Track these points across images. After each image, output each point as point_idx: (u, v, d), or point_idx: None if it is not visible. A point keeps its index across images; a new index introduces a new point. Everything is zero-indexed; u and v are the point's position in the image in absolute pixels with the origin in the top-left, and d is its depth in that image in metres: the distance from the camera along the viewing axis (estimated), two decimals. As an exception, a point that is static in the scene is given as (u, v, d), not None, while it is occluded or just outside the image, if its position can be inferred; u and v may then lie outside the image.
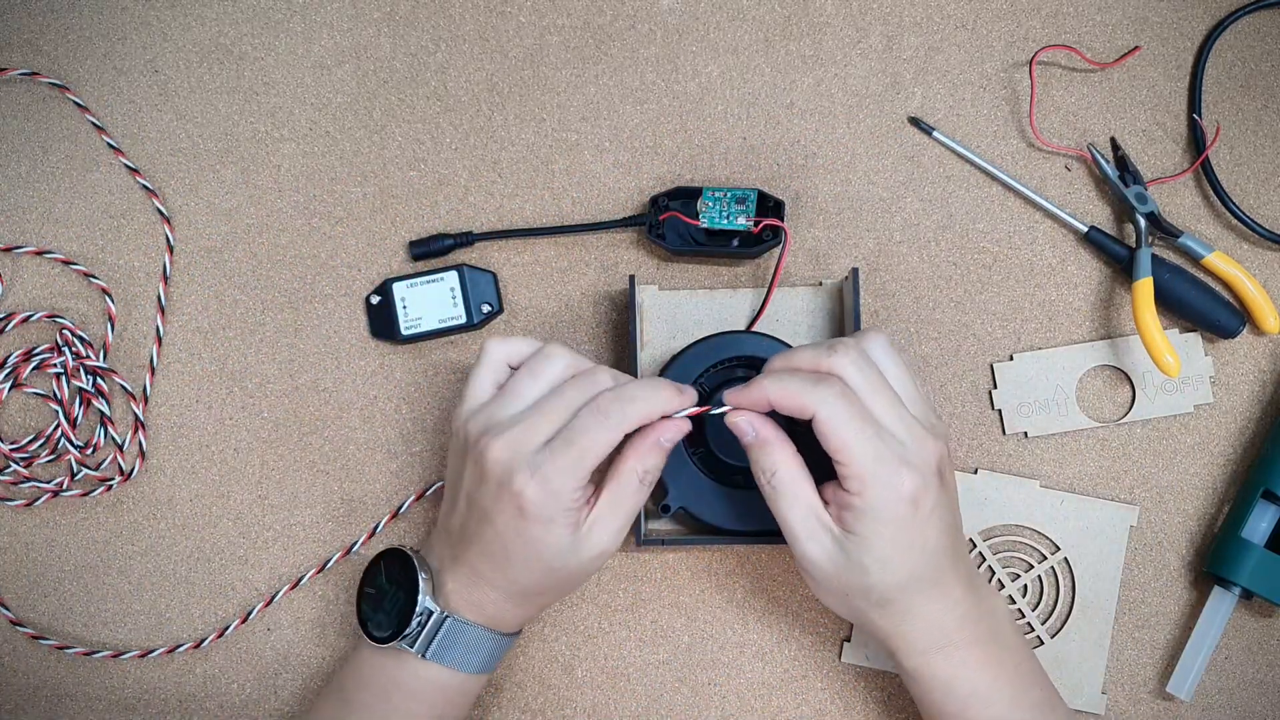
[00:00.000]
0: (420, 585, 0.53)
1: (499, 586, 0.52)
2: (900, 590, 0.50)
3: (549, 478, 0.48)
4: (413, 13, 0.68)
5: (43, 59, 0.68)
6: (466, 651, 0.54)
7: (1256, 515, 0.61)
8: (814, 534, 0.50)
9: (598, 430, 0.49)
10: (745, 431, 0.51)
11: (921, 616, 0.51)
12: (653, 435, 0.51)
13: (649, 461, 0.51)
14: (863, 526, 0.48)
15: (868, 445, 0.48)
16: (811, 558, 0.50)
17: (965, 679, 0.52)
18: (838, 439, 0.48)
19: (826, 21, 0.67)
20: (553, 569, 0.51)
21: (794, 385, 0.49)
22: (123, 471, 0.64)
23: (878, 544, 0.48)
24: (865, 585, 0.49)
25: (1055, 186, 0.66)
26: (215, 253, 0.66)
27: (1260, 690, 0.62)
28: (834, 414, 0.48)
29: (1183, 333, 0.64)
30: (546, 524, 0.49)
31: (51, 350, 0.65)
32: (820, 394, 0.48)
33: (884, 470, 0.48)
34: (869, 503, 0.48)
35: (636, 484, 0.51)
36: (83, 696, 0.64)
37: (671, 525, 0.63)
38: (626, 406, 0.49)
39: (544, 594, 0.54)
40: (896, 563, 0.49)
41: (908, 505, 0.48)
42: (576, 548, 0.51)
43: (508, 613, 0.54)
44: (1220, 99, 0.66)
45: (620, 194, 0.66)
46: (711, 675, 0.63)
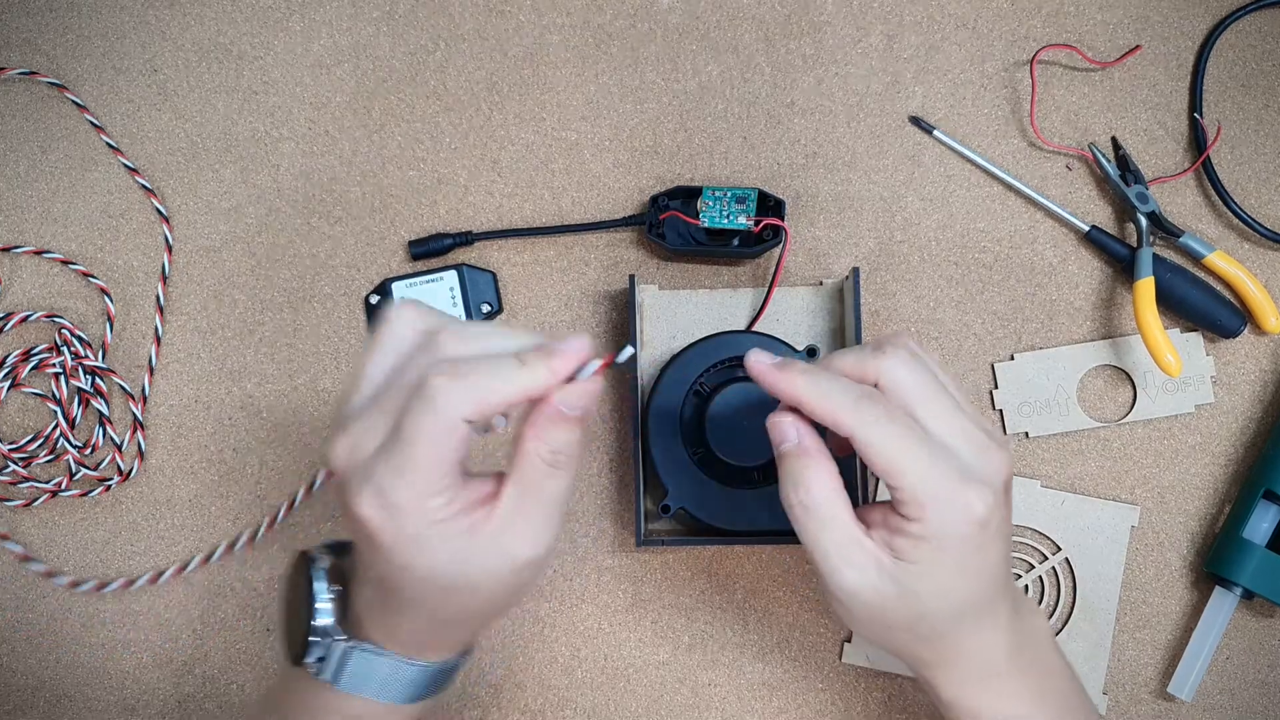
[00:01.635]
0: (318, 602, 0.44)
1: (404, 614, 0.43)
2: (954, 620, 0.43)
3: (384, 491, 0.38)
4: (412, 11, 0.68)
5: (41, 58, 0.68)
6: (386, 684, 0.45)
7: (1258, 515, 0.61)
8: (854, 561, 0.42)
9: (425, 421, 0.38)
10: (786, 436, 0.43)
11: (970, 646, 0.45)
12: (550, 404, 0.40)
13: (555, 437, 0.40)
14: (922, 553, 0.41)
15: (927, 467, 0.40)
16: (850, 588, 0.42)
17: (1006, 712, 0.46)
18: (889, 462, 0.40)
19: (827, 20, 0.67)
20: (452, 591, 0.41)
21: (836, 397, 0.41)
22: (121, 472, 0.64)
23: (938, 572, 0.42)
24: (915, 616, 0.43)
25: (1056, 186, 0.66)
26: (214, 252, 0.66)
27: (1262, 691, 0.62)
28: (884, 437, 0.40)
29: (1184, 332, 0.64)
30: (409, 546, 0.39)
31: (50, 350, 0.64)
32: (865, 414, 0.41)
33: (948, 491, 0.41)
34: (932, 529, 0.41)
35: (545, 469, 0.40)
36: (81, 698, 0.63)
37: (671, 525, 0.63)
38: (458, 384, 0.38)
39: (464, 621, 0.44)
40: (956, 591, 0.42)
41: (976, 528, 0.41)
42: (480, 561, 0.40)
43: (427, 641, 0.45)
44: (1221, 98, 0.66)
45: (620, 193, 0.66)
46: (712, 676, 0.63)
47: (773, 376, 0.43)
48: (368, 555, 0.41)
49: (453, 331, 0.40)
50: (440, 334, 0.40)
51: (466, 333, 0.40)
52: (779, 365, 0.43)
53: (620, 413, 0.64)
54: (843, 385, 0.42)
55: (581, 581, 0.64)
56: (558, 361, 0.40)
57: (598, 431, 0.64)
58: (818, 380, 0.42)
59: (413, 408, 0.38)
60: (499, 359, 0.39)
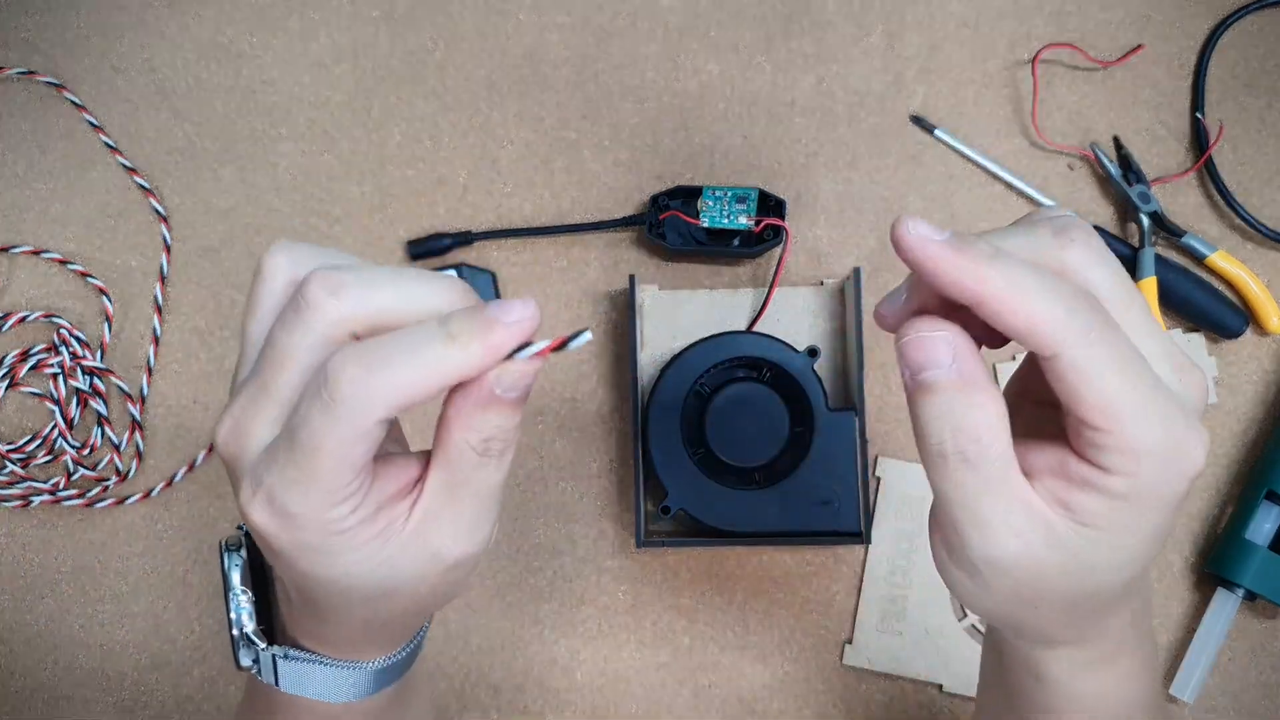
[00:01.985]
0: (234, 602, 0.39)
1: (327, 621, 0.37)
2: (1120, 596, 0.34)
3: (276, 499, 0.31)
4: (411, 11, 0.67)
5: (40, 58, 0.67)
6: (326, 687, 0.39)
7: (1260, 516, 0.61)
8: (1021, 531, 0.31)
9: (328, 428, 0.29)
10: (938, 358, 0.31)
11: (1115, 622, 0.36)
12: (482, 386, 0.31)
13: (487, 424, 0.32)
14: (1116, 517, 0.31)
15: (1151, 407, 0.30)
16: (1004, 559, 0.32)
17: (1119, 695, 0.38)
18: (1105, 400, 0.29)
19: (828, 20, 0.67)
20: (372, 599, 0.34)
21: (1042, 298, 0.29)
22: (120, 472, 0.64)
23: (1130, 540, 0.31)
24: (1080, 594, 0.33)
25: (1058, 186, 0.66)
26: (213, 252, 0.66)
27: (1264, 692, 0.62)
28: (1105, 364, 0.29)
29: (1186, 333, 0.64)
30: (311, 556, 0.32)
31: (48, 350, 0.64)
32: (1083, 328, 0.29)
33: (1173, 439, 0.30)
34: (1142, 486, 0.30)
35: (475, 459, 0.33)
36: (80, 699, 0.63)
37: (671, 526, 0.63)
38: (372, 379, 0.29)
39: (394, 622, 0.38)
40: (1139, 561, 0.33)
41: (1189, 484, 0.31)
42: (401, 564, 0.33)
43: (360, 643, 0.39)
44: (1223, 98, 0.66)
45: (620, 193, 0.66)
46: (712, 677, 0.63)
47: (948, 261, 0.30)
48: (271, 559, 0.34)
49: (349, 279, 0.31)
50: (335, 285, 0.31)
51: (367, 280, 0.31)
52: (954, 244, 0.30)
53: (620, 413, 0.64)
54: (1050, 281, 0.29)
55: (581, 583, 0.63)
56: (498, 336, 0.30)
57: (597, 432, 0.64)
58: (1015, 272, 0.29)
59: (311, 410, 0.30)
60: (421, 335, 0.30)
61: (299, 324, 0.31)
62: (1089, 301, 0.30)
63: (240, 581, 0.39)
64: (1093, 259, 0.31)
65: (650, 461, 0.59)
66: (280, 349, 0.31)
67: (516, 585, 0.63)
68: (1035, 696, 0.39)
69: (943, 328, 0.31)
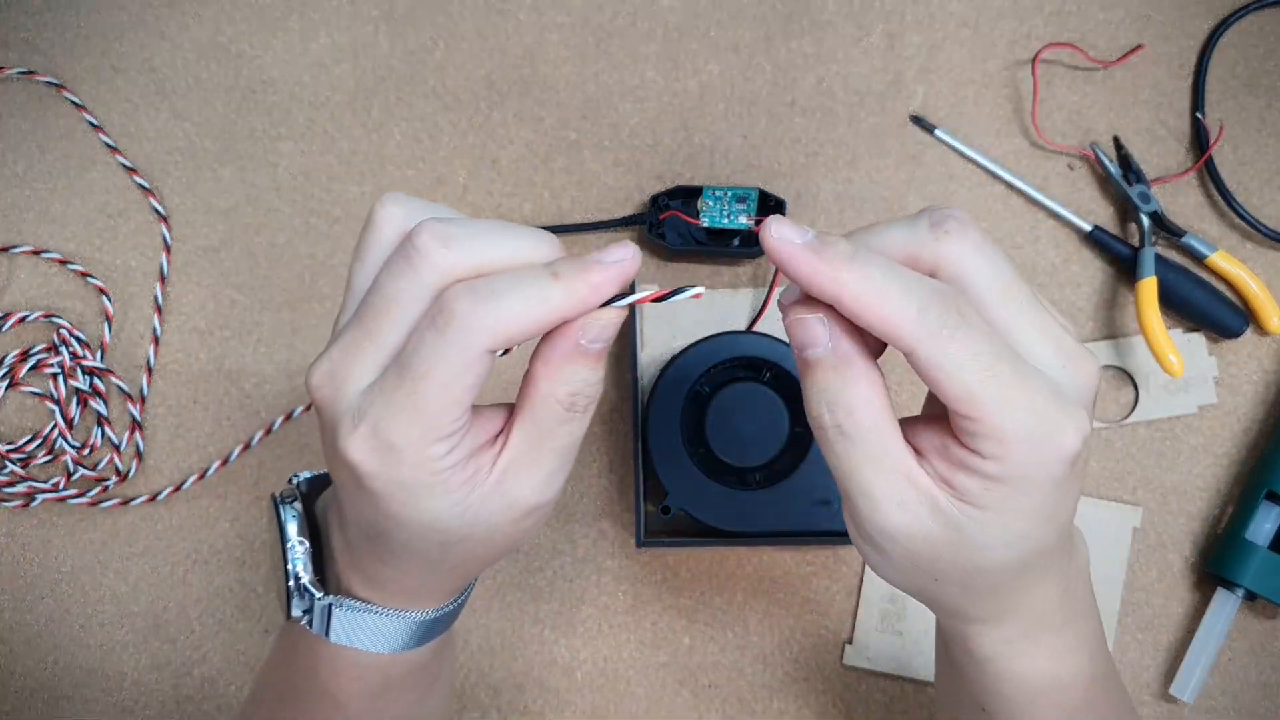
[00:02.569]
0: (291, 553, 0.40)
1: (390, 564, 0.38)
2: (1017, 573, 0.35)
3: (381, 431, 0.32)
4: (411, 11, 0.67)
5: (39, 57, 0.67)
6: (376, 636, 0.40)
7: (1260, 516, 0.61)
8: (904, 501, 0.33)
9: (442, 353, 0.31)
10: (814, 338, 0.33)
11: (1027, 601, 0.37)
12: (569, 337, 0.33)
13: (575, 377, 0.34)
14: (994, 498, 0.32)
15: (1015, 395, 0.31)
16: (893, 531, 0.33)
17: (1046, 670, 0.39)
18: (966, 391, 0.31)
19: (828, 19, 0.67)
20: (448, 544, 0.36)
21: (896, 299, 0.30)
22: (120, 472, 0.64)
23: (1012, 520, 0.33)
24: (972, 570, 0.34)
25: (1058, 185, 0.66)
26: (212, 252, 0.66)
27: (1264, 692, 0.62)
28: (961, 358, 0.30)
29: (1186, 333, 0.64)
30: (404, 495, 0.33)
31: (48, 350, 0.64)
32: (936, 325, 0.30)
33: (1041, 425, 0.31)
34: (1012, 469, 0.31)
35: (561, 414, 0.34)
36: (80, 699, 0.63)
37: (671, 526, 0.63)
38: (483, 309, 0.31)
39: (457, 570, 0.39)
40: (1027, 540, 0.34)
41: (1066, 467, 0.32)
42: (481, 511, 0.35)
43: (419, 590, 0.40)
44: (1224, 98, 0.66)
45: (620, 193, 0.66)
46: (712, 678, 0.63)
47: (806, 263, 0.31)
48: (354, 500, 0.35)
49: (458, 231, 0.33)
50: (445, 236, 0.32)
51: (475, 232, 0.33)
52: (814, 246, 0.31)
53: (620, 413, 0.64)
54: (904, 281, 0.31)
55: (581, 583, 0.63)
56: (599, 275, 0.32)
57: (597, 432, 0.64)
58: (870, 273, 0.31)
59: (426, 336, 0.31)
60: (528, 274, 0.32)
61: (408, 271, 0.32)
62: (945, 299, 0.31)
63: (297, 532, 0.40)
64: (967, 249, 0.32)
65: (650, 461, 0.59)
66: (387, 295, 0.32)
67: (516, 585, 0.63)
68: (972, 674, 0.40)
69: (817, 310, 0.33)
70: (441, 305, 0.31)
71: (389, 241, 0.34)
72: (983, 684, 0.40)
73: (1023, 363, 0.31)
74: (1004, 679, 0.39)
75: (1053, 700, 0.39)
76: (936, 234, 0.32)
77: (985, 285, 0.32)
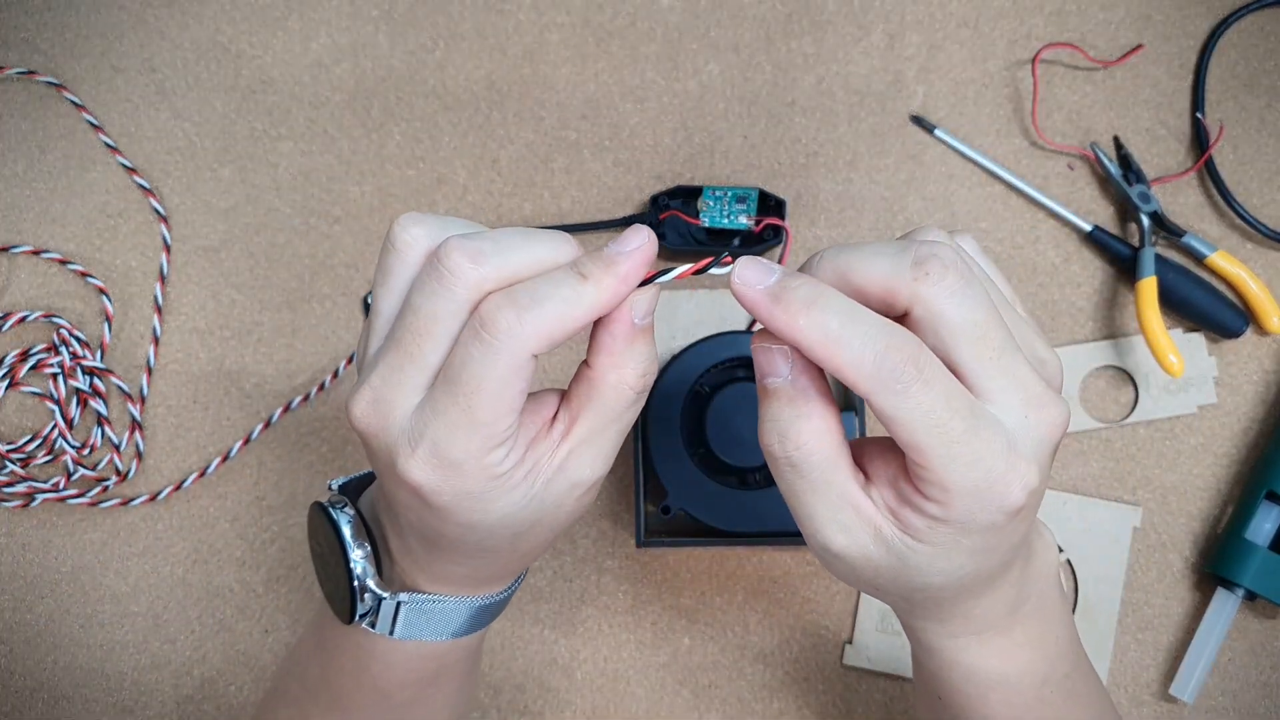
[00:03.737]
0: (352, 561, 0.40)
1: (458, 561, 0.39)
2: (957, 593, 0.36)
3: (441, 450, 0.33)
4: (411, 10, 0.67)
5: (39, 57, 0.67)
6: (444, 623, 0.42)
7: (1260, 516, 0.61)
8: (847, 526, 0.34)
9: (489, 365, 0.32)
10: (776, 370, 0.34)
11: (970, 610, 0.38)
12: (623, 322, 0.35)
13: (640, 357, 0.35)
14: (937, 537, 0.33)
15: (963, 449, 0.31)
16: (837, 551, 0.35)
17: (995, 667, 0.40)
18: (915, 440, 0.31)
19: (828, 19, 0.67)
20: (518, 536, 0.37)
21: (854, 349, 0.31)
22: (119, 472, 0.64)
23: (954, 555, 0.34)
24: (912, 589, 0.36)
25: (1058, 185, 0.66)
26: (212, 252, 0.66)
27: (1264, 692, 0.62)
28: (913, 411, 0.31)
29: (1186, 333, 0.64)
30: (472, 504, 0.35)
31: (48, 350, 0.64)
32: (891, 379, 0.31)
33: (986, 480, 0.32)
34: (955, 515, 0.33)
35: (633, 397, 0.36)
36: (80, 699, 0.63)
37: (671, 526, 0.63)
38: (524, 317, 0.32)
39: (524, 555, 0.40)
40: (966, 569, 0.35)
41: (1007, 517, 0.33)
42: (546, 499, 0.36)
43: (483, 575, 0.41)
44: (1224, 97, 0.66)
45: (620, 193, 0.66)
46: (712, 678, 0.63)
47: (766, 310, 0.33)
48: (419, 515, 0.36)
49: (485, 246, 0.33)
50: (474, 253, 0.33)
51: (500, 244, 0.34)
52: (774, 293, 0.32)
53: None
54: (863, 329, 0.31)
55: (581, 583, 0.63)
56: (623, 266, 0.33)
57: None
58: (828, 322, 0.31)
59: (472, 351, 0.32)
60: (558, 277, 0.33)
61: (442, 291, 0.33)
62: (903, 350, 0.31)
63: (353, 536, 0.40)
64: (944, 293, 0.32)
65: (650, 461, 0.59)
66: (424, 315, 0.33)
67: (516, 585, 0.63)
68: (923, 660, 0.41)
69: (780, 346, 0.34)
70: (483, 319, 0.32)
71: (414, 263, 0.35)
72: (933, 670, 0.41)
73: (976, 417, 0.32)
74: (952, 668, 0.40)
75: (1002, 697, 0.40)
76: (917, 274, 0.32)
77: (958, 331, 0.32)
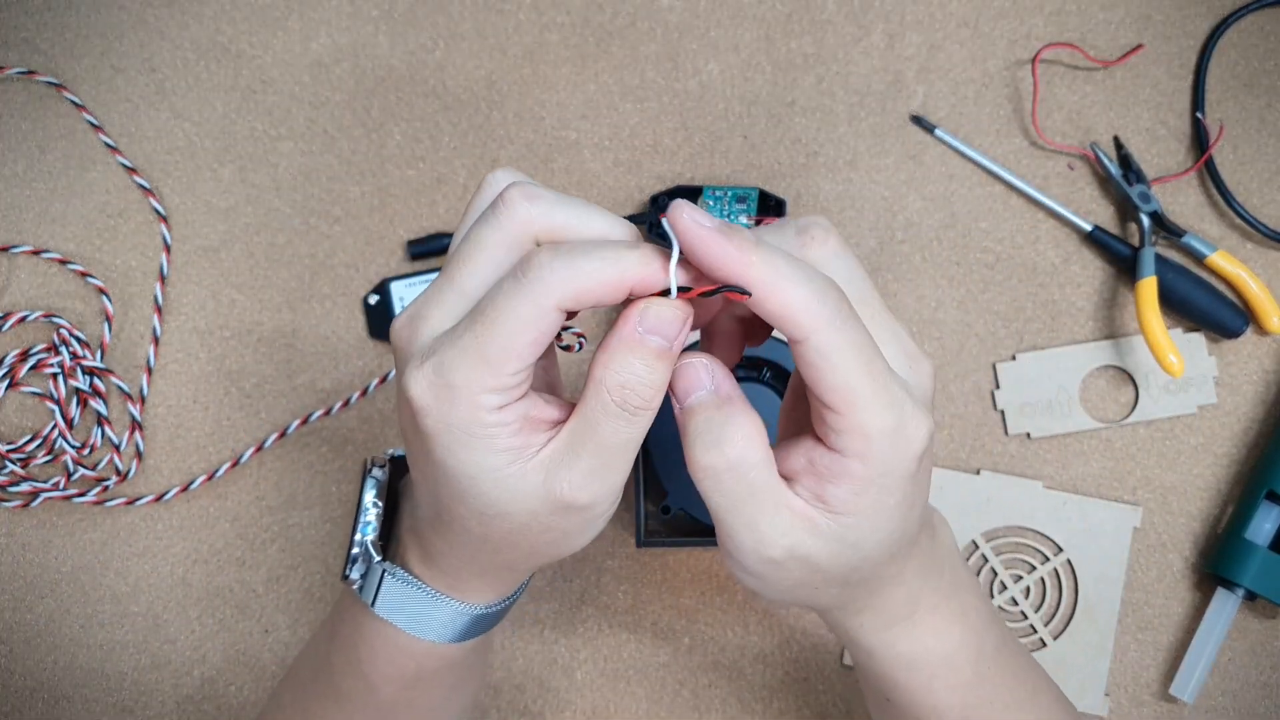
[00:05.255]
0: (363, 515, 0.41)
1: (441, 534, 0.39)
2: (885, 563, 0.37)
3: (444, 369, 0.33)
4: (411, 10, 0.67)
5: (39, 57, 0.67)
6: (417, 616, 0.41)
7: (1260, 516, 0.61)
8: (788, 531, 0.35)
9: (514, 299, 0.32)
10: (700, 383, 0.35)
11: (893, 587, 0.39)
12: (627, 324, 0.34)
13: (625, 367, 0.33)
14: (863, 501, 0.34)
15: (881, 391, 0.33)
16: (780, 558, 0.35)
17: (931, 648, 0.41)
18: (844, 383, 0.32)
19: (828, 19, 0.67)
20: (490, 516, 0.36)
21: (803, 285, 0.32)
22: (119, 472, 0.64)
23: (879, 517, 0.35)
24: (850, 569, 0.36)
25: (1058, 185, 0.66)
26: (212, 252, 0.66)
27: (1264, 692, 0.62)
28: (847, 349, 0.32)
29: (1186, 333, 0.64)
30: (451, 438, 0.34)
31: (48, 350, 0.64)
32: (833, 313, 0.32)
33: (897, 422, 0.33)
34: (876, 469, 0.34)
35: (609, 403, 0.34)
36: (80, 699, 0.63)
37: (671, 526, 0.62)
38: (560, 263, 0.32)
39: (499, 552, 0.38)
40: (893, 532, 0.36)
41: (915, 463, 0.34)
42: (517, 488, 0.35)
43: (463, 572, 0.40)
44: (1224, 97, 0.66)
45: (620, 193, 0.66)
46: (712, 678, 0.63)
47: (718, 245, 0.32)
48: (411, 448, 0.36)
49: (545, 193, 0.34)
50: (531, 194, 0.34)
51: (561, 199, 0.34)
52: (724, 230, 0.32)
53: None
54: (805, 270, 0.32)
55: (581, 582, 0.63)
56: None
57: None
58: (774, 258, 0.32)
59: (504, 285, 0.33)
60: (606, 242, 0.34)
61: (493, 219, 0.34)
62: (836, 291, 0.33)
63: (374, 498, 0.41)
64: (829, 254, 0.35)
65: (650, 461, 0.59)
66: (471, 241, 0.34)
67: (516, 585, 0.63)
68: (866, 665, 0.43)
69: (700, 356, 0.35)
70: (523, 262, 0.33)
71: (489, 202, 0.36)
72: (879, 673, 0.42)
73: (887, 364, 0.34)
74: (895, 663, 0.41)
75: (944, 680, 0.41)
76: (803, 239, 0.35)
77: (846, 288, 0.34)
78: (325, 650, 0.46)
